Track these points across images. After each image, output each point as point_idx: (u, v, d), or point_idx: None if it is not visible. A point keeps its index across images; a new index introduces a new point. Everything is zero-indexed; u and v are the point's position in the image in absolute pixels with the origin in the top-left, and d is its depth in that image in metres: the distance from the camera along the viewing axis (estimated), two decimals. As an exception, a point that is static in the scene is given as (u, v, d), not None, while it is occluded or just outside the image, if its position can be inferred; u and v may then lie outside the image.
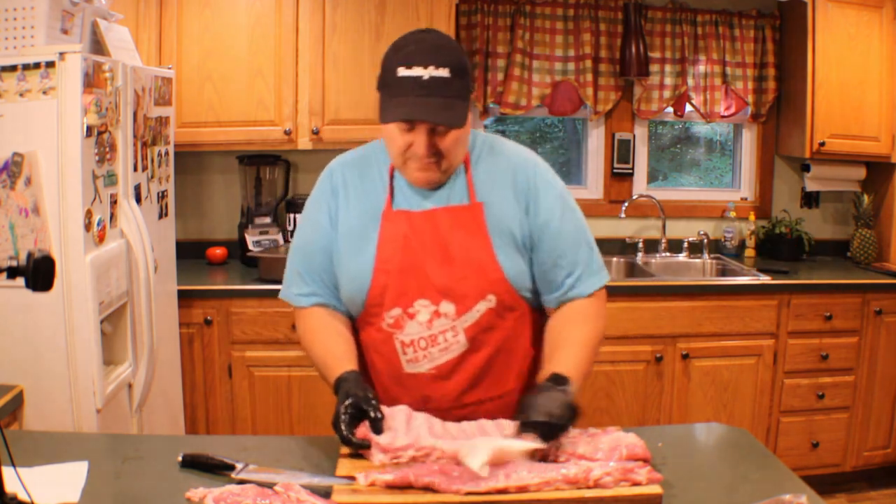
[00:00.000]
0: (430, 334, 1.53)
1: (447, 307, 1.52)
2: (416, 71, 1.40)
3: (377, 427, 1.36)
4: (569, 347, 1.52)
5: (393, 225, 1.54)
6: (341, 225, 1.59)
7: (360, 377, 1.48)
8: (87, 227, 2.10)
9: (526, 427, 1.34)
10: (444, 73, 1.41)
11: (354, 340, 1.62)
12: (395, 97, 1.43)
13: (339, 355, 1.54)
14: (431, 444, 1.35)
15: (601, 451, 1.35)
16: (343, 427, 1.36)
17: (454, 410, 1.55)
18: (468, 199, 1.55)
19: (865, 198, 3.73)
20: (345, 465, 1.36)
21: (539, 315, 1.64)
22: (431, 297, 1.52)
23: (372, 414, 1.37)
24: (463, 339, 1.54)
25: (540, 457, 1.35)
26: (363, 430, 1.37)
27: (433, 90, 1.41)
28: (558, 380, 1.42)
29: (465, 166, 1.58)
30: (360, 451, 1.37)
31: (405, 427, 1.40)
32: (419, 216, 1.54)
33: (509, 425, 1.44)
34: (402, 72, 1.41)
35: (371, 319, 1.57)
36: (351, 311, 1.62)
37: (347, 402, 1.38)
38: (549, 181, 1.60)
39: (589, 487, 1.28)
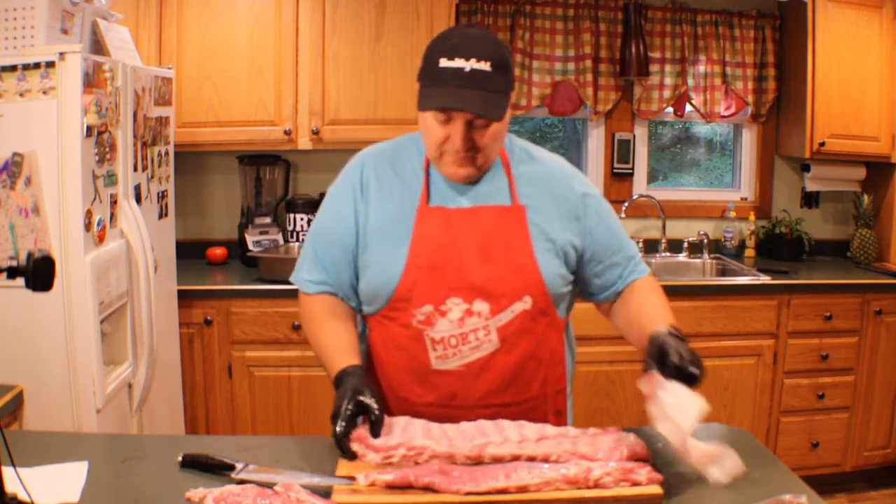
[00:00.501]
0: (461, 332, 1.52)
1: (481, 306, 1.52)
2: (458, 62, 1.41)
3: (376, 430, 1.36)
4: (662, 310, 1.58)
5: (429, 221, 1.54)
6: (372, 218, 1.57)
7: (364, 372, 1.48)
8: (87, 227, 2.10)
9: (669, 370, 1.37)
10: (485, 66, 1.41)
11: (357, 333, 1.62)
12: (435, 87, 1.43)
13: (344, 347, 1.53)
14: (422, 444, 1.35)
15: (601, 451, 1.36)
16: (342, 424, 1.35)
17: (478, 409, 1.54)
18: (510, 200, 1.56)
19: (865, 198, 3.73)
20: (345, 465, 1.36)
21: (564, 324, 1.65)
22: (464, 296, 1.51)
23: (372, 416, 1.37)
24: (495, 339, 1.53)
25: (541, 458, 1.35)
26: (361, 431, 1.37)
27: (473, 82, 1.41)
28: (677, 333, 1.46)
29: (504, 167, 1.58)
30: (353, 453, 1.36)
31: (400, 431, 1.40)
32: (458, 213, 1.54)
33: (509, 425, 1.44)
34: (444, 63, 1.42)
35: (395, 315, 1.55)
36: (370, 306, 1.60)
37: (349, 399, 1.38)
38: (589, 185, 1.66)
39: (589, 487, 1.28)
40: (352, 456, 1.36)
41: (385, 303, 1.56)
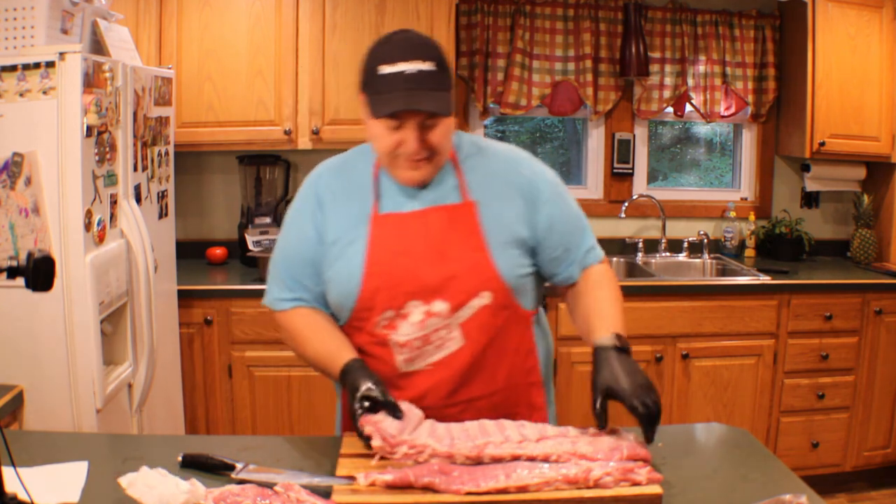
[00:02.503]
0: (423, 334, 1.54)
1: (440, 306, 1.53)
2: (400, 66, 1.42)
3: (395, 412, 1.39)
4: (611, 309, 1.56)
5: (381, 228, 1.55)
6: (330, 233, 1.59)
7: (365, 364, 1.49)
8: (87, 227, 2.10)
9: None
10: (427, 66, 1.43)
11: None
12: (383, 94, 1.44)
13: (337, 347, 1.55)
14: (424, 443, 1.35)
15: (601, 451, 1.36)
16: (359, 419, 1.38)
17: (447, 409, 1.56)
18: (459, 199, 1.56)
19: (865, 198, 3.73)
20: (345, 465, 1.36)
21: (530, 317, 1.65)
22: (423, 298, 1.53)
23: (382, 398, 1.40)
24: (458, 336, 1.54)
25: (541, 458, 1.35)
26: (375, 417, 1.38)
27: (419, 83, 1.42)
28: (625, 348, 1.45)
29: (453, 165, 1.58)
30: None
31: (411, 427, 1.41)
32: (409, 217, 1.55)
33: (510, 425, 1.44)
34: (386, 69, 1.43)
35: (360, 324, 1.58)
36: (339, 318, 1.62)
37: (360, 395, 1.41)
38: (542, 172, 1.64)
39: (589, 487, 1.28)
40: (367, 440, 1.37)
41: (350, 313, 1.58)
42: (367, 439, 1.37)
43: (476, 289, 1.53)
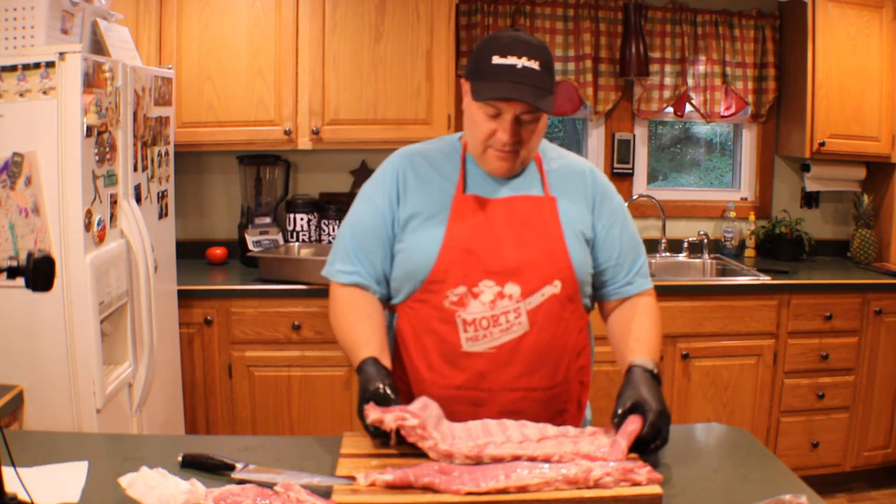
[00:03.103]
0: (492, 314, 1.56)
1: (512, 289, 1.57)
2: (511, 60, 1.51)
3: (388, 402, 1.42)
4: (654, 340, 1.65)
5: (465, 207, 1.61)
6: (410, 207, 1.63)
7: (378, 364, 1.50)
8: (87, 227, 2.10)
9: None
10: (535, 65, 1.51)
11: (384, 323, 1.65)
12: (488, 81, 1.52)
13: (368, 337, 1.56)
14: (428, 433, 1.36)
15: (601, 451, 1.36)
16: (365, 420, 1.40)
17: (506, 393, 1.58)
18: (542, 193, 1.65)
19: (865, 198, 3.73)
20: (345, 465, 1.36)
21: (587, 317, 1.70)
22: (497, 279, 1.57)
23: (391, 401, 1.42)
24: (525, 321, 1.57)
25: (542, 458, 1.35)
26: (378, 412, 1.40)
27: (526, 78, 1.50)
28: (656, 376, 1.53)
29: (537, 164, 1.68)
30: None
31: (419, 406, 1.41)
32: (493, 201, 1.62)
33: (512, 425, 1.44)
34: (497, 60, 1.51)
35: (428, 297, 1.59)
36: (401, 292, 1.64)
37: (368, 395, 1.43)
38: (611, 188, 1.75)
39: (589, 487, 1.28)
40: (375, 433, 1.39)
41: (418, 285, 1.60)
42: (371, 430, 1.38)
43: (550, 276, 1.58)
